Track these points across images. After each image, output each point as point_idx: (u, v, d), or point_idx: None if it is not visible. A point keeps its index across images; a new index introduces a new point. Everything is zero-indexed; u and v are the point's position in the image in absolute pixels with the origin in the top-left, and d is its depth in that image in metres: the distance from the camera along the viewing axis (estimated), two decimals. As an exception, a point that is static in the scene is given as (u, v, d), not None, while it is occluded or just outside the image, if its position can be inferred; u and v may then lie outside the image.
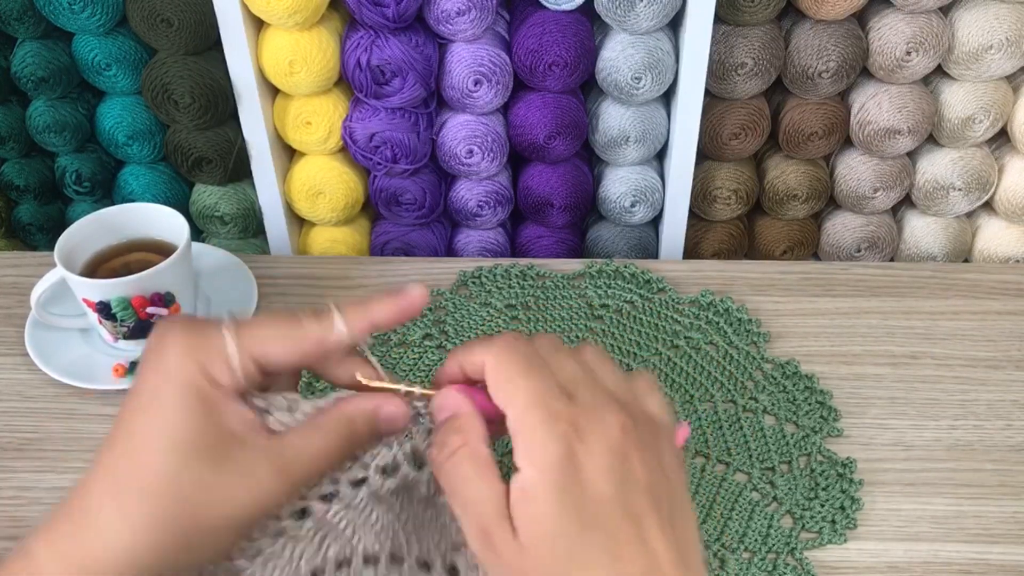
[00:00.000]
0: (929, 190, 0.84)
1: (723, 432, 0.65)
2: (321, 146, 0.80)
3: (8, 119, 0.83)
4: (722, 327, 0.73)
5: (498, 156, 0.80)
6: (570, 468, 0.37)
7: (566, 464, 0.36)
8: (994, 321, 0.74)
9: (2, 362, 0.71)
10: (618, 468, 0.37)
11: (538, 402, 0.38)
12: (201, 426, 0.37)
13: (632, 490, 0.37)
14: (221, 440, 0.37)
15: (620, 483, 0.37)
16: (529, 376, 0.38)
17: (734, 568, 0.57)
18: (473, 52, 0.76)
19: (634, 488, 0.37)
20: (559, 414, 0.37)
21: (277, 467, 0.37)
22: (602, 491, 0.37)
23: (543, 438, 0.37)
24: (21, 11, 0.77)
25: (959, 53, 0.77)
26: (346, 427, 0.40)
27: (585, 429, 0.37)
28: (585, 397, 0.38)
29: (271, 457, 0.37)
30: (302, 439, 0.38)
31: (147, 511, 0.35)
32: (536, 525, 0.36)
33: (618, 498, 0.37)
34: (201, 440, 0.36)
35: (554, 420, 0.37)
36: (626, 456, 0.38)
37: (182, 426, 0.36)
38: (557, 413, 0.37)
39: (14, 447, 0.65)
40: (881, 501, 0.61)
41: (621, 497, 0.37)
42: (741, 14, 0.75)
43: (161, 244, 0.70)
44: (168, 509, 0.36)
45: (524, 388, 0.38)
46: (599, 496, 0.37)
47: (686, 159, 0.80)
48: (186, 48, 0.76)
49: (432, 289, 0.76)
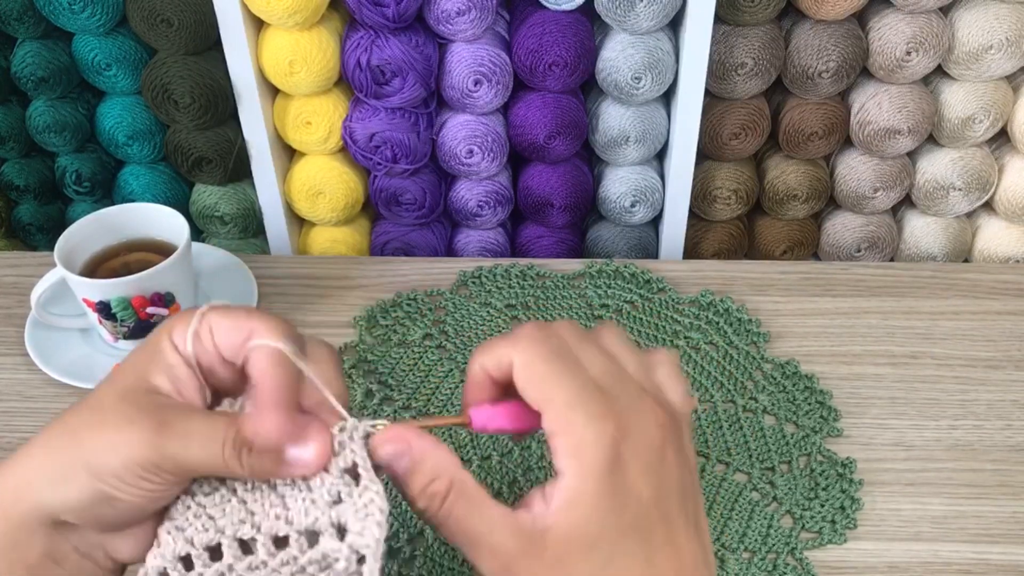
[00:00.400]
0: (929, 190, 0.84)
1: (723, 432, 0.65)
2: (321, 146, 0.81)
3: (8, 119, 0.83)
4: (722, 327, 0.73)
5: (498, 156, 0.80)
6: (617, 470, 0.35)
7: (613, 466, 0.35)
8: (994, 321, 0.74)
9: (2, 362, 0.71)
10: (656, 468, 0.37)
11: (578, 401, 0.36)
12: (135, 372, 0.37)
13: (667, 491, 0.37)
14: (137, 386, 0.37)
15: (658, 484, 0.36)
16: (563, 373, 0.37)
17: (734, 568, 0.57)
18: (473, 52, 0.76)
19: (669, 489, 0.37)
20: (603, 414, 0.36)
21: (156, 424, 0.35)
22: (642, 493, 0.36)
23: (591, 439, 0.35)
24: (21, 11, 0.77)
25: (959, 53, 0.77)
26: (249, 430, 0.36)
27: (627, 427, 0.36)
28: (620, 393, 0.37)
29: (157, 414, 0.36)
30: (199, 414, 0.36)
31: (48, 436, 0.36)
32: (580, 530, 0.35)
33: (655, 500, 0.36)
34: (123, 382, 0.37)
35: (599, 420, 0.36)
36: (663, 455, 0.37)
37: (124, 369, 0.37)
38: (601, 413, 0.36)
39: (14, 447, 0.65)
40: (881, 501, 0.61)
41: (658, 499, 0.36)
42: (741, 14, 0.75)
43: (161, 244, 0.70)
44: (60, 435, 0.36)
45: (561, 387, 0.36)
46: (639, 498, 0.36)
47: (686, 159, 0.80)
48: (186, 48, 0.76)
49: (432, 289, 0.76)
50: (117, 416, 0.35)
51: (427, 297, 0.76)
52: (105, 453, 0.34)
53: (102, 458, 0.34)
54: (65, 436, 0.35)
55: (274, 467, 0.36)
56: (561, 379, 0.37)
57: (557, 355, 0.37)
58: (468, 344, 0.72)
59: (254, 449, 0.35)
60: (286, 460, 0.36)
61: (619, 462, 0.36)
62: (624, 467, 0.36)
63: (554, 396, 0.36)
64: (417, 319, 0.74)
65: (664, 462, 0.37)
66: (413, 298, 0.75)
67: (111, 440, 0.35)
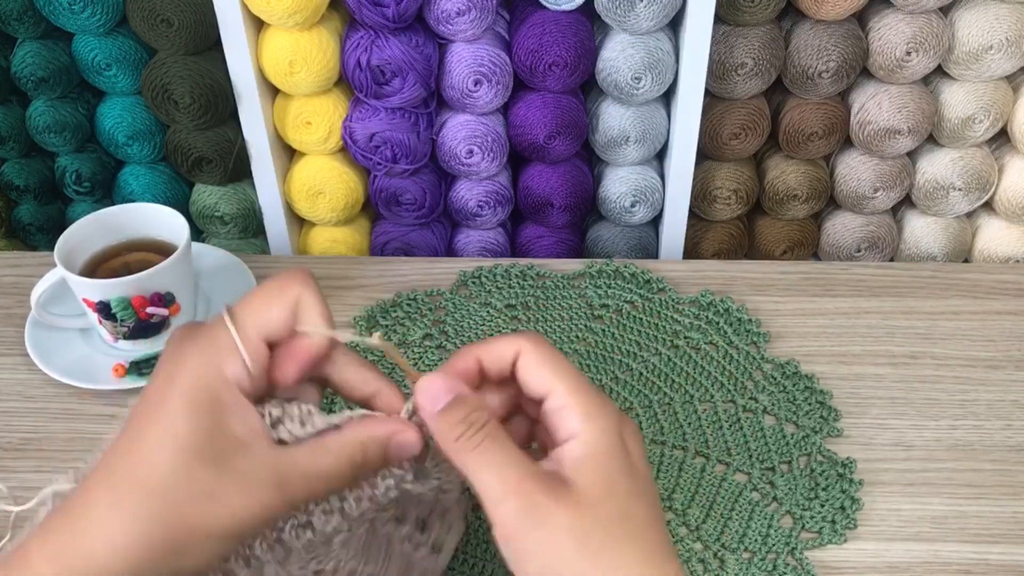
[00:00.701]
0: (929, 190, 0.84)
1: (723, 432, 0.65)
2: (321, 146, 0.80)
3: (8, 119, 0.83)
4: (722, 327, 0.73)
5: (498, 156, 0.80)
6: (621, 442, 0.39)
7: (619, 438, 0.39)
8: (994, 321, 0.74)
9: (2, 362, 0.71)
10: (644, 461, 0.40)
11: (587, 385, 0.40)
12: (205, 429, 0.36)
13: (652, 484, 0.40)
14: (224, 445, 0.36)
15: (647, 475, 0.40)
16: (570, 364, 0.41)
17: (734, 568, 0.57)
18: (473, 52, 0.76)
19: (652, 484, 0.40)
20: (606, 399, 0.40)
21: (277, 480, 0.36)
22: (640, 468, 0.39)
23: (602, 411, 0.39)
24: (21, 11, 0.77)
25: (959, 53, 0.77)
26: (358, 452, 0.39)
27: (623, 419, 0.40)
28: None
29: (272, 469, 0.37)
30: (309, 457, 0.38)
31: (141, 508, 0.35)
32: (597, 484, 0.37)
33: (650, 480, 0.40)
34: (203, 443, 0.36)
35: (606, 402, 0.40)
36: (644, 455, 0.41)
37: (185, 427, 0.36)
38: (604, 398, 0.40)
39: (14, 447, 0.65)
40: (881, 501, 0.61)
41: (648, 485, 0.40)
42: (741, 14, 0.75)
43: (161, 244, 0.70)
44: (162, 508, 0.35)
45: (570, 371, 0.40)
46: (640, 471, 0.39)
47: (686, 159, 0.80)
48: (186, 48, 0.76)
49: (432, 289, 0.76)
50: (230, 484, 0.36)
51: (427, 297, 0.76)
52: (231, 520, 0.36)
53: (229, 526, 0.36)
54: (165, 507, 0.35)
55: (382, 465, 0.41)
56: (570, 367, 0.40)
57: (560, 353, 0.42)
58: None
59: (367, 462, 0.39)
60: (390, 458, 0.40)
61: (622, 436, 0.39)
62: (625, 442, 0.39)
63: (567, 375, 0.40)
64: (417, 319, 0.74)
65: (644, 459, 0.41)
66: (413, 298, 0.75)
67: (234, 508, 0.36)
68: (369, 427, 0.40)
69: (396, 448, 0.40)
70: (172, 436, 0.36)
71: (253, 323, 0.38)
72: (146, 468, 0.35)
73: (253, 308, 0.39)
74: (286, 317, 0.39)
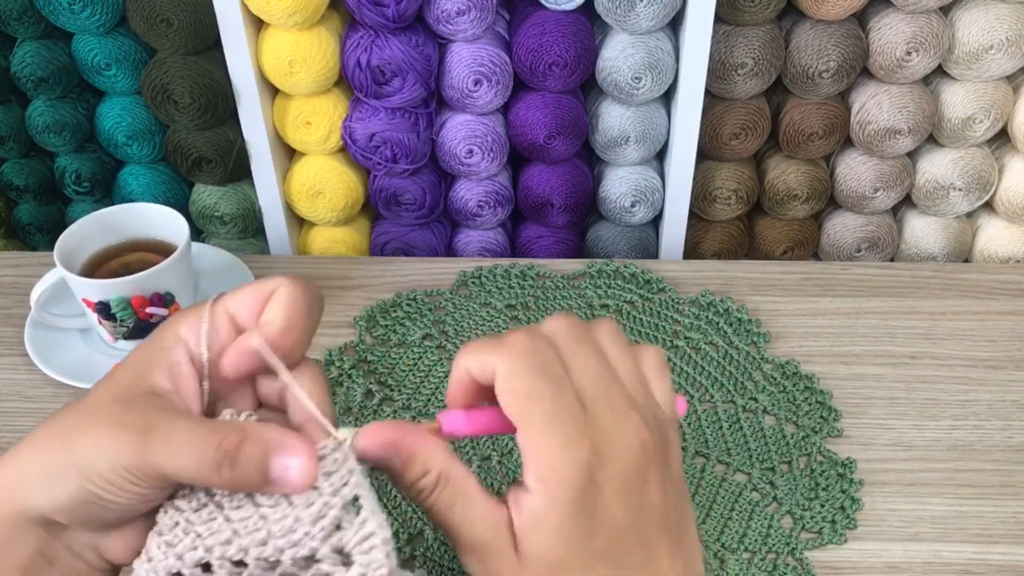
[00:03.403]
0: (929, 190, 0.84)
1: (723, 432, 0.65)
2: (321, 146, 0.80)
3: (8, 119, 0.83)
4: (722, 327, 0.73)
5: (498, 156, 0.80)
6: (587, 496, 0.34)
7: (584, 492, 0.34)
8: (994, 321, 0.74)
9: (2, 362, 0.71)
10: (636, 492, 0.36)
11: (556, 425, 0.35)
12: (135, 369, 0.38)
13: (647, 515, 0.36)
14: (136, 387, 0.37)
15: (637, 508, 0.36)
16: (545, 391, 0.35)
17: (734, 568, 0.57)
18: (473, 52, 0.76)
19: (650, 513, 0.36)
20: (578, 439, 0.35)
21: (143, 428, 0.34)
22: (617, 518, 0.35)
23: (561, 466, 0.34)
24: (21, 11, 0.77)
25: (959, 53, 0.77)
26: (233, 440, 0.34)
27: (606, 453, 0.35)
28: (606, 410, 0.36)
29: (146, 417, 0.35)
30: (184, 420, 0.35)
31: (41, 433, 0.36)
32: (545, 553, 0.35)
33: (633, 525, 0.35)
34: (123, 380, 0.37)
35: (574, 445, 0.35)
36: (645, 479, 0.36)
37: (125, 366, 0.38)
38: (576, 437, 0.35)
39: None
40: (881, 501, 0.61)
41: (636, 523, 0.35)
42: (741, 14, 0.75)
43: (161, 244, 0.70)
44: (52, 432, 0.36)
45: (540, 406, 0.35)
46: (614, 524, 0.35)
47: (686, 159, 0.80)
48: (186, 48, 0.76)
49: (432, 289, 0.76)
50: (108, 418, 0.35)
51: (427, 297, 0.76)
52: (94, 455, 0.34)
53: (91, 460, 0.34)
54: (57, 436, 0.35)
55: (258, 481, 0.34)
56: (542, 397, 0.35)
57: (542, 370, 0.36)
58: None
59: (237, 461, 0.34)
60: (271, 476, 0.34)
61: (592, 487, 0.35)
62: (598, 492, 0.35)
63: (532, 415, 0.35)
64: (417, 319, 0.74)
65: (645, 484, 0.36)
66: (413, 298, 0.75)
67: (99, 443, 0.34)
68: (260, 426, 0.35)
69: (278, 467, 0.34)
70: (113, 373, 0.38)
71: (225, 300, 0.39)
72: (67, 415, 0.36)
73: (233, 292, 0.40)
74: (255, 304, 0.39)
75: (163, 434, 0.34)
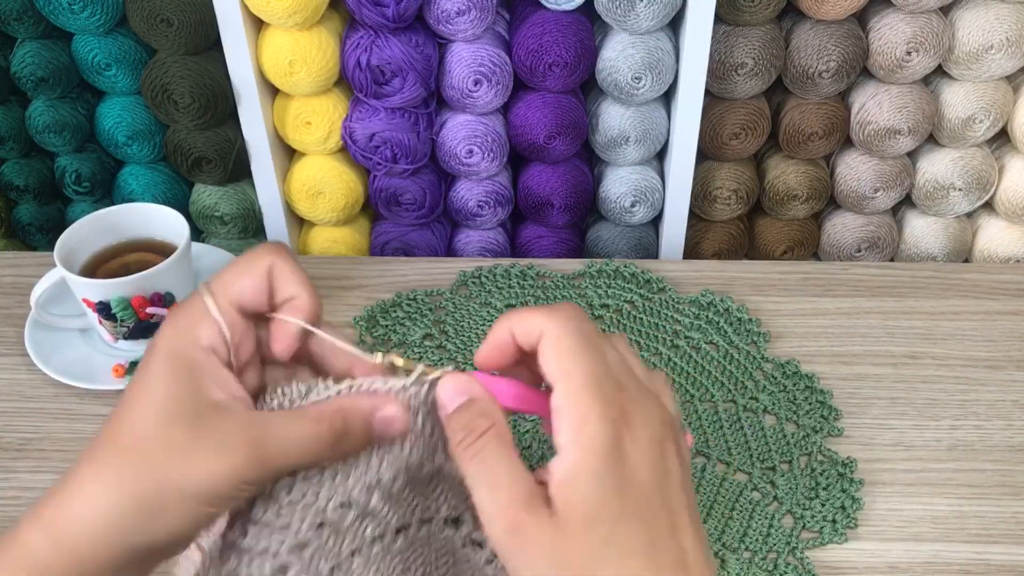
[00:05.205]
0: (929, 190, 0.84)
1: (723, 432, 0.65)
2: (321, 146, 0.80)
3: (8, 119, 0.82)
4: (722, 327, 0.73)
5: (498, 156, 0.80)
6: (616, 454, 0.36)
7: (613, 449, 0.36)
8: (994, 321, 0.74)
9: (2, 362, 0.71)
10: (659, 460, 0.38)
11: (595, 383, 0.37)
12: (181, 392, 0.37)
13: (670, 483, 0.38)
14: (200, 407, 0.37)
15: (661, 474, 0.37)
16: (589, 354, 0.38)
17: (735, 568, 0.57)
18: (473, 52, 0.76)
19: (671, 481, 0.38)
20: (613, 399, 0.37)
21: (252, 440, 0.37)
22: (644, 480, 0.37)
23: (596, 420, 0.37)
24: (21, 11, 0.77)
25: (959, 53, 0.77)
26: (337, 419, 0.39)
27: (633, 418, 0.37)
28: (631, 386, 0.39)
29: (247, 430, 0.37)
30: (286, 421, 0.38)
31: (118, 469, 0.36)
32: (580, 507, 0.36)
33: (658, 489, 0.37)
34: (179, 405, 0.37)
35: (607, 404, 0.37)
36: (665, 449, 0.38)
37: (163, 391, 0.37)
38: (611, 397, 0.37)
39: (14, 447, 0.65)
40: (881, 501, 0.61)
41: (660, 488, 0.37)
42: (741, 14, 0.75)
43: (161, 244, 0.70)
44: (137, 467, 0.36)
45: (584, 365, 0.38)
46: (641, 485, 0.37)
47: (686, 159, 0.80)
48: (186, 48, 0.76)
49: (432, 289, 0.76)
50: (205, 444, 0.36)
51: (427, 297, 0.76)
52: (208, 482, 0.36)
53: (204, 485, 0.36)
54: (140, 465, 0.36)
55: (365, 441, 0.39)
56: (586, 358, 0.38)
57: (588, 337, 0.39)
58: (468, 344, 0.72)
59: (347, 435, 0.38)
60: (375, 434, 0.39)
61: (619, 446, 0.37)
62: (624, 452, 0.37)
63: (574, 372, 0.38)
64: (417, 319, 0.74)
65: (665, 455, 0.38)
66: (413, 298, 0.75)
67: (210, 468, 0.36)
68: (353, 398, 0.40)
69: (381, 423, 0.40)
70: (150, 401, 0.37)
71: (224, 292, 0.39)
72: (126, 431, 0.37)
73: (225, 279, 0.40)
74: (259, 284, 0.40)
75: (274, 440, 0.37)
